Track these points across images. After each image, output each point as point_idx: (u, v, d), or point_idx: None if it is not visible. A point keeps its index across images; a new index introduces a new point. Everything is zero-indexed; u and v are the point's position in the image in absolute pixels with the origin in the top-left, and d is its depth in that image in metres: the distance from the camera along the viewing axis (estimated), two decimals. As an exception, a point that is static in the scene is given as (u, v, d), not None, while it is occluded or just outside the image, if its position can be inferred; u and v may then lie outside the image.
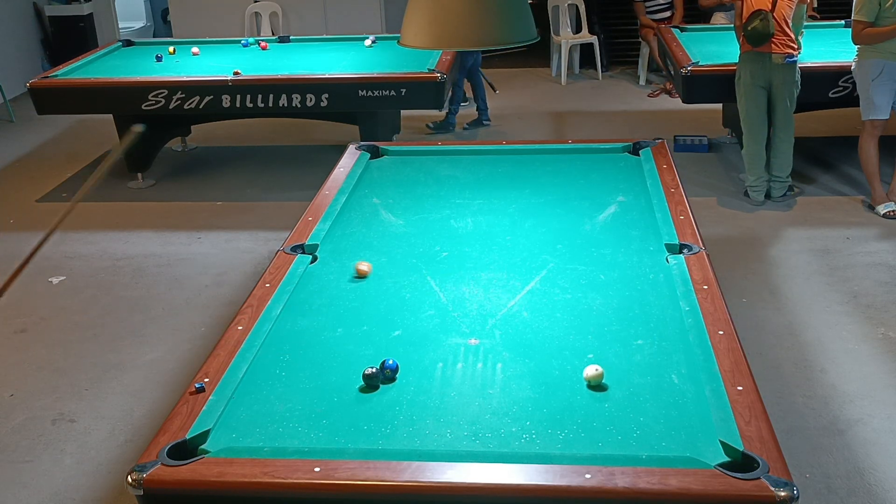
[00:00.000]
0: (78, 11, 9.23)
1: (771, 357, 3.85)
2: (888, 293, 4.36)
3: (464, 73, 7.02)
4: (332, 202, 3.61)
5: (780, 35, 5.13)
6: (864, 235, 5.01)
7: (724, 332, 2.48)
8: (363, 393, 2.31)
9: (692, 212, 3.35)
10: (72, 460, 3.41)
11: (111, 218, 5.75)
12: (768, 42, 5.12)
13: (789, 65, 5.17)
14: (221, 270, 4.91)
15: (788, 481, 1.88)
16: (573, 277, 2.94)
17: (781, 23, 5.11)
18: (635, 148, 4.13)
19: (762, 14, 5.07)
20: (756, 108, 5.35)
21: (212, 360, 2.46)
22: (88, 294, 4.76)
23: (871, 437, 3.32)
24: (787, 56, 5.15)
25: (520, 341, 2.56)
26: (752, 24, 5.10)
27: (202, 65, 6.34)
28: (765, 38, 5.10)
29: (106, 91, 5.94)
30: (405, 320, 2.71)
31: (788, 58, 5.15)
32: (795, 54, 5.18)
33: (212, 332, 4.19)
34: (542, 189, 3.76)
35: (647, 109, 7.52)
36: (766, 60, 5.19)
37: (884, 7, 4.94)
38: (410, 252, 3.21)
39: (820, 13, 7.62)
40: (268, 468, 2.00)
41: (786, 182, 5.50)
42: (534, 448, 2.08)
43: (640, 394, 2.27)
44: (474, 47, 2.49)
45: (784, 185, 5.51)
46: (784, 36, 5.13)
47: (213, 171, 6.60)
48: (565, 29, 8.57)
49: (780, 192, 5.50)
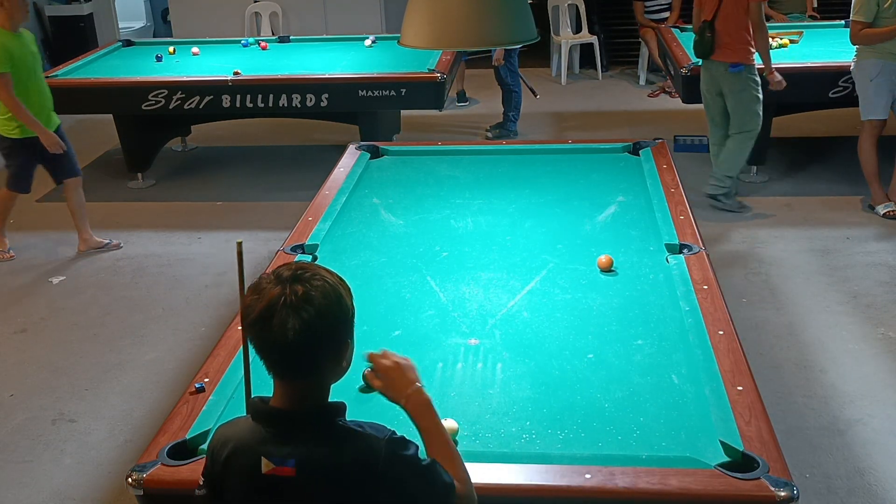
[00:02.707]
0: (78, 11, 9.23)
1: (771, 357, 3.85)
2: (888, 293, 4.36)
3: (517, 75, 6.93)
4: (332, 202, 3.62)
5: (725, 43, 5.06)
6: (864, 235, 5.01)
7: (724, 332, 2.48)
8: (363, 393, 2.31)
9: (692, 212, 3.35)
10: (72, 460, 3.41)
11: (111, 218, 5.74)
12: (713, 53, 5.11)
13: (733, 73, 5.08)
14: (221, 270, 4.91)
15: (788, 481, 1.88)
16: (573, 277, 2.94)
17: (723, 34, 5.04)
18: (635, 148, 4.13)
19: (705, 28, 5.07)
20: (710, 112, 5.38)
21: (212, 360, 2.46)
22: (88, 294, 4.76)
23: (871, 437, 3.33)
24: (732, 65, 5.06)
25: (520, 341, 2.56)
26: (697, 37, 5.18)
27: (202, 65, 6.34)
28: (706, 53, 5.14)
29: (106, 91, 5.95)
30: (405, 320, 2.71)
31: (732, 66, 5.06)
32: (743, 62, 5.06)
33: (212, 332, 4.19)
34: (542, 189, 3.76)
35: (647, 109, 7.52)
36: (714, 68, 5.18)
37: (882, 8, 4.94)
38: (410, 252, 3.21)
39: (820, 13, 7.63)
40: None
41: (721, 186, 5.32)
42: (534, 448, 2.08)
43: (640, 394, 2.27)
44: (474, 47, 2.49)
45: (718, 187, 5.32)
46: (728, 45, 5.06)
47: (213, 171, 6.60)
48: (565, 29, 8.57)
49: (713, 191, 5.33)
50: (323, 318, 1.49)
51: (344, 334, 1.56)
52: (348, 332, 1.58)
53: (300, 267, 1.55)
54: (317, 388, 1.57)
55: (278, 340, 1.48)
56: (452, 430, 2.10)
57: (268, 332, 1.49)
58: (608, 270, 2.95)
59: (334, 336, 1.54)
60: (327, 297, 1.50)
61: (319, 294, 1.49)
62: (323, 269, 1.57)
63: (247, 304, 1.52)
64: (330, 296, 1.51)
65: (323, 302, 1.49)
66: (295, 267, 1.55)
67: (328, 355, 1.54)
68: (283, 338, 1.48)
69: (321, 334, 1.50)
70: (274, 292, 1.49)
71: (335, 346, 1.55)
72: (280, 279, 1.51)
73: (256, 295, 1.51)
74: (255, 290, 1.52)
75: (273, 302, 1.48)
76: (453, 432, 2.10)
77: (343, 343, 1.57)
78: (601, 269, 2.96)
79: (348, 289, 1.58)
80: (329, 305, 1.50)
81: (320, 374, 1.56)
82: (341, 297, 1.54)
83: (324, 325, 1.50)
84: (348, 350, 1.59)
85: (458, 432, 2.10)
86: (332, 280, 1.54)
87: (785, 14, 7.56)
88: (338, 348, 1.56)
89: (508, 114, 6.99)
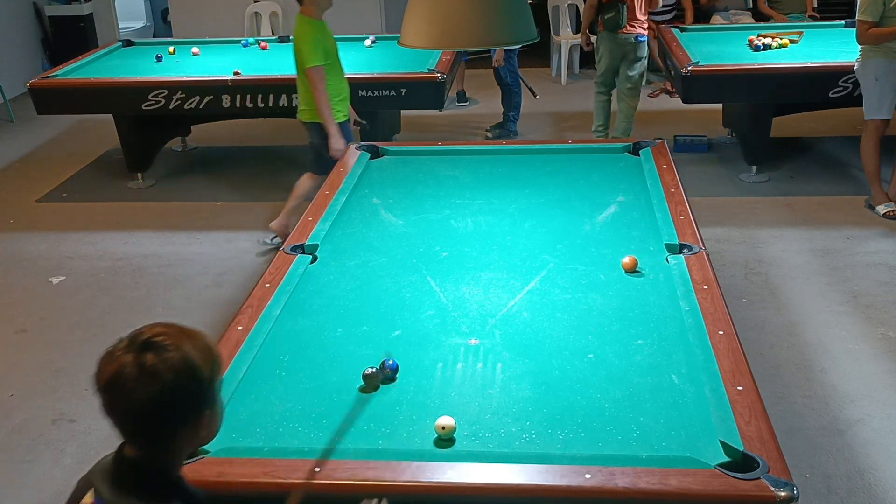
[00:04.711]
0: (78, 11, 9.23)
1: (771, 357, 3.85)
2: (888, 293, 4.36)
3: (517, 75, 6.94)
4: (332, 202, 3.61)
5: (633, 18, 6.12)
6: (864, 235, 5.01)
7: (724, 332, 2.48)
8: (363, 393, 2.31)
9: (692, 212, 3.35)
10: (72, 460, 3.41)
11: (111, 218, 5.75)
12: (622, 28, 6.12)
13: (639, 42, 6.19)
14: (221, 270, 4.91)
15: (788, 481, 1.88)
16: (573, 277, 2.94)
17: (636, 9, 6.11)
18: (635, 148, 4.13)
19: (618, 8, 6.01)
20: (604, 75, 6.39)
21: (212, 360, 2.46)
22: (88, 294, 4.76)
23: (871, 437, 3.33)
24: (639, 35, 6.17)
25: (520, 341, 2.56)
26: (609, 14, 6.09)
27: (202, 65, 6.34)
28: (617, 27, 6.11)
29: (106, 91, 5.95)
30: (405, 320, 2.71)
31: (639, 37, 6.18)
32: (645, 34, 6.21)
33: (212, 332, 4.15)
34: (542, 189, 3.75)
35: (647, 109, 7.51)
36: (618, 39, 6.18)
37: (888, 7, 4.94)
38: (410, 252, 3.21)
39: (820, 13, 7.62)
40: (268, 468, 2.00)
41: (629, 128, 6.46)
42: (534, 448, 2.08)
43: (640, 394, 2.27)
44: (474, 47, 2.49)
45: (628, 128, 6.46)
46: (636, 19, 6.12)
47: (213, 171, 6.60)
48: (565, 29, 8.57)
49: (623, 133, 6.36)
50: (170, 392, 1.43)
51: (195, 408, 1.49)
52: (202, 404, 1.50)
53: (159, 333, 1.47)
54: (162, 454, 1.51)
55: (123, 409, 1.45)
56: (451, 428, 2.10)
57: (114, 399, 1.45)
58: (633, 271, 2.94)
59: (182, 410, 1.47)
60: (177, 370, 1.44)
61: (168, 368, 1.43)
62: (184, 336, 1.49)
63: (98, 368, 1.47)
64: (180, 370, 1.44)
65: (170, 377, 1.43)
66: (152, 333, 1.48)
67: (175, 427, 1.48)
68: (127, 407, 1.44)
69: (166, 408, 1.45)
70: (123, 360, 1.44)
71: (183, 419, 1.48)
72: (133, 345, 1.45)
73: (107, 359, 1.47)
74: (108, 353, 1.47)
75: (120, 370, 1.43)
76: (452, 431, 2.10)
77: (195, 416, 1.49)
78: (626, 271, 2.94)
79: (211, 357, 1.51)
80: (178, 380, 1.44)
81: (165, 445, 1.50)
82: (195, 370, 1.46)
83: (170, 400, 1.44)
84: (204, 421, 1.51)
85: (455, 430, 2.11)
86: (188, 350, 1.46)
87: (785, 14, 7.57)
88: (187, 421, 1.49)
89: (508, 114, 6.99)
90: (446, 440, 2.10)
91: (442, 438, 2.10)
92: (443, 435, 2.09)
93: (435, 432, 2.11)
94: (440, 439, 2.10)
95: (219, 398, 1.55)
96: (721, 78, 5.57)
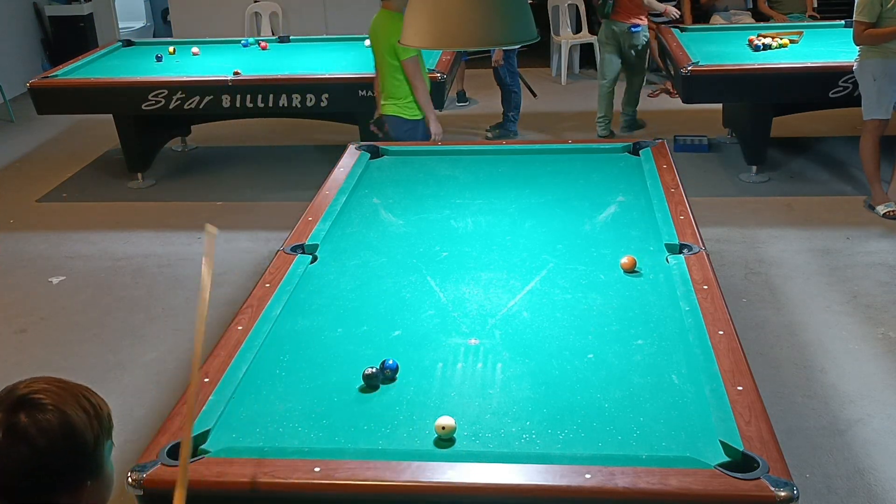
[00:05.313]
0: (78, 11, 9.23)
1: (771, 357, 3.85)
2: (888, 293, 4.36)
3: (516, 75, 6.94)
4: (332, 202, 3.61)
5: (627, 8, 6.56)
6: (864, 235, 5.01)
7: (724, 332, 2.48)
8: (363, 393, 2.31)
9: (692, 212, 3.35)
10: (72, 460, 3.41)
11: (111, 218, 5.75)
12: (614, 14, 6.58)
13: (633, 32, 6.61)
14: (221, 270, 4.91)
15: (788, 481, 1.88)
16: (573, 277, 2.94)
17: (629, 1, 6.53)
18: (635, 148, 4.12)
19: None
20: (608, 61, 6.84)
21: (212, 360, 2.46)
22: (88, 294, 4.76)
23: (871, 437, 3.33)
24: (632, 25, 6.59)
25: (520, 341, 2.56)
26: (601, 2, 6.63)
27: (202, 65, 6.34)
28: (605, 16, 6.64)
29: (106, 91, 5.95)
30: (405, 320, 2.71)
31: (633, 27, 6.60)
32: (640, 23, 6.61)
33: (212, 332, 4.18)
34: (542, 189, 3.75)
35: (647, 109, 7.51)
36: (615, 27, 6.66)
37: (885, 8, 4.94)
38: (410, 252, 3.21)
39: (820, 13, 7.62)
40: (268, 468, 2.00)
41: (631, 117, 6.99)
42: (534, 448, 2.07)
43: (640, 394, 2.27)
44: (474, 47, 2.49)
45: (629, 120, 6.98)
46: (630, 9, 6.56)
47: (213, 171, 6.61)
48: (565, 29, 8.57)
49: (626, 126, 6.93)
50: (41, 458, 1.29)
51: (73, 479, 1.33)
52: (82, 474, 1.35)
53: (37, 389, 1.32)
54: None
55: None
56: (451, 428, 2.10)
57: None
58: (632, 271, 2.94)
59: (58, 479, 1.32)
60: (51, 435, 1.28)
61: (41, 432, 1.28)
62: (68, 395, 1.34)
63: None
64: (55, 435, 1.29)
65: (42, 442, 1.28)
66: (30, 389, 1.33)
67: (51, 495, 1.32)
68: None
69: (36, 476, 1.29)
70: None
71: (61, 488, 1.33)
72: (5, 402, 1.31)
73: None
74: None
75: None
76: (452, 431, 2.10)
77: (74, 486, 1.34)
78: (624, 271, 2.94)
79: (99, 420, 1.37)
80: (52, 446, 1.28)
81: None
82: (75, 437, 1.31)
83: (40, 468, 1.29)
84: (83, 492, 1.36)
85: (455, 430, 2.11)
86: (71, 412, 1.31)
87: (785, 14, 7.56)
88: (66, 490, 1.33)
89: (508, 114, 6.99)
90: (446, 440, 2.10)
91: (442, 438, 2.10)
92: (443, 435, 2.09)
93: (435, 432, 2.11)
94: (440, 439, 2.10)
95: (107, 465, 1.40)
96: (721, 78, 5.57)
